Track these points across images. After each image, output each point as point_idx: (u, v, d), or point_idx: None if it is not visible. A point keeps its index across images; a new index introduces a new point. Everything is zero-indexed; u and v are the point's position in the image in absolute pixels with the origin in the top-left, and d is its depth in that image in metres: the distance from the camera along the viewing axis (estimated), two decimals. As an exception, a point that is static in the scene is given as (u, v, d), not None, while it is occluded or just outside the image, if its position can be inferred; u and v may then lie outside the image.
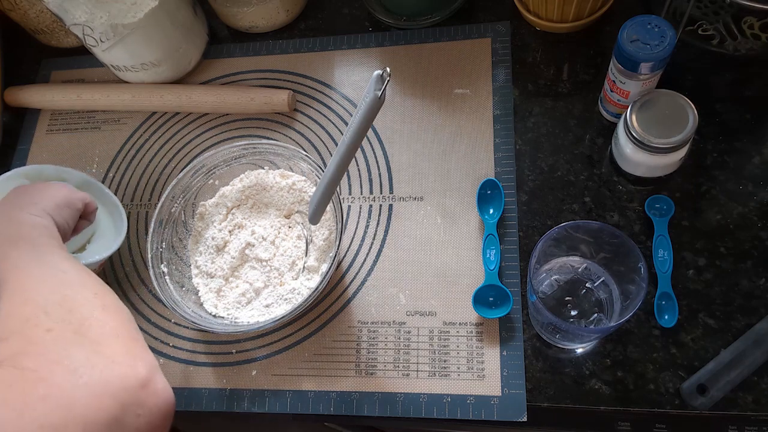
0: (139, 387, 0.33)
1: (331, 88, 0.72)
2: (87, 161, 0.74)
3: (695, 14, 0.62)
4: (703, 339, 0.54)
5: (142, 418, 0.32)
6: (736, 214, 0.58)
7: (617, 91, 0.58)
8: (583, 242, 0.53)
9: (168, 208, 0.62)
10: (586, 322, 0.53)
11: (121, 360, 0.34)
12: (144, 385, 0.33)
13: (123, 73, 0.73)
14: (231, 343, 0.61)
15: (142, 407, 0.33)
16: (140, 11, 0.65)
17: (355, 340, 0.59)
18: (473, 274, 0.60)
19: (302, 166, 0.63)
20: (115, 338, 0.35)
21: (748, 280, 0.55)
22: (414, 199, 0.64)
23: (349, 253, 0.63)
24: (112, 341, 0.35)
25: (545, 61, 0.69)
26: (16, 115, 0.79)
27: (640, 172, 0.59)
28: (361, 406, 0.56)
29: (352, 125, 0.46)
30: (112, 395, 0.32)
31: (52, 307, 0.36)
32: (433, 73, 0.70)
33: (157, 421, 0.33)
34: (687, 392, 0.51)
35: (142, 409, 0.33)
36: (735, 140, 0.61)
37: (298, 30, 0.77)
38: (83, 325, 0.35)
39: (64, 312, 0.35)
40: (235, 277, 0.62)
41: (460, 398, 0.55)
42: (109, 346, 0.34)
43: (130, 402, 0.32)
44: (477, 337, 0.57)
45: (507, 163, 0.64)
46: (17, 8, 0.75)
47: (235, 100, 0.71)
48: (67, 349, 0.33)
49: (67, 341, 0.33)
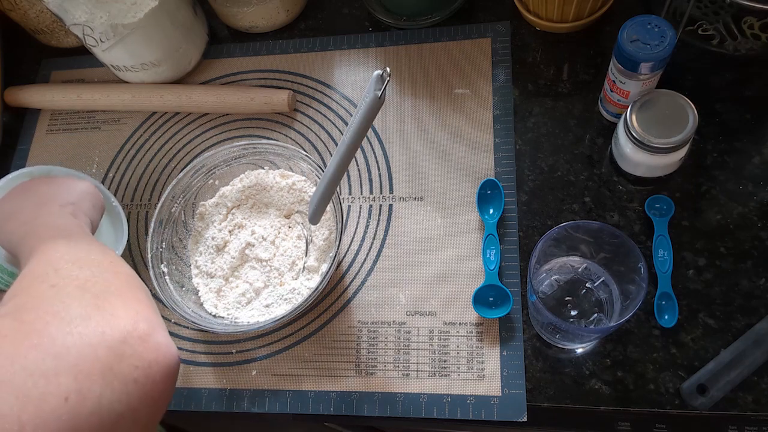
0: (138, 340, 0.33)
1: (331, 88, 0.72)
2: (87, 161, 0.74)
3: (695, 14, 0.62)
4: (703, 339, 0.54)
5: (139, 371, 0.32)
6: (736, 214, 0.58)
7: (617, 91, 0.58)
8: (583, 242, 0.53)
9: (168, 208, 0.62)
10: (586, 322, 0.53)
11: (121, 314, 0.33)
12: (144, 339, 0.33)
13: (123, 73, 0.73)
14: (231, 343, 0.61)
15: (140, 359, 0.32)
16: (140, 11, 0.65)
17: (355, 340, 0.59)
18: (473, 274, 0.60)
19: (302, 166, 0.63)
20: (118, 297, 0.35)
21: (748, 280, 0.55)
22: (414, 199, 0.64)
23: (349, 253, 0.63)
24: (113, 299, 0.34)
25: (545, 61, 0.69)
26: (16, 115, 0.79)
27: (640, 172, 0.59)
28: (361, 406, 0.56)
29: (352, 125, 0.46)
30: (107, 346, 0.31)
31: (63, 264, 0.36)
32: (433, 73, 0.70)
33: (157, 375, 0.33)
34: (687, 392, 0.51)
35: (141, 361, 0.32)
36: (735, 140, 0.61)
37: (298, 30, 0.77)
38: (88, 281, 0.35)
39: (73, 269, 0.36)
40: (235, 277, 0.62)
41: (460, 398, 0.55)
42: (109, 301, 0.34)
43: (127, 354, 0.32)
44: (477, 337, 0.57)
45: (507, 163, 0.64)
46: (17, 8, 0.75)
47: (235, 100, 0.71)
48: (65, 301, 0.33)
49: (67, 295, 0.33)
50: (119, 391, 0.30)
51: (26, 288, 0.35)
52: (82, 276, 0.35)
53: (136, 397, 0.31)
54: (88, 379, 0.29)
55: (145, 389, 0.32)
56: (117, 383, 0.30)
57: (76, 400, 0.29)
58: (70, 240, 0.41)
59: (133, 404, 0.31)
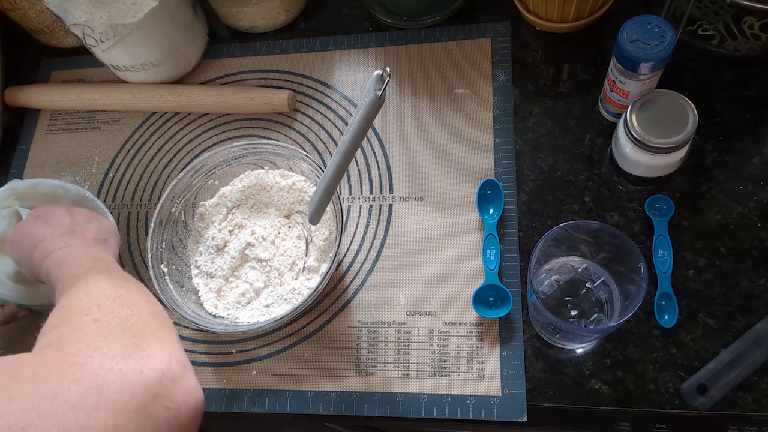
0: (171, 382, 0.34)
1: (331, 88, 0.72)
2: (87, 161, 0.74)
3: (695, 14, 0.62)
4: (703, 339, 0.54)
5: (170, 412, 0.33)
6: (736, 214, 0.58)
7: (617, 91, 0.58)
8: (583, 242, 0.53)
9: (168, 208, 0.62)
10: (586, 322, 0.53)
11: (157, 355, 0.35)
12: (176, 381, 0.34)
13: (123, 73, 0.73)
14: (231, 343, 0.61)
15: (172, 401, 0.33)
16: (140, 11, 0.65)
17: (355, 340, 0.59)
18: (473, 274, 0.60)
19: (302, 166, 0.63)
20: (155, 338, 0.36)
21: (748, 280, 0.55)
22: (414, 199, 0.64)
23: (349, 253, 0.63)
24: (151, 339, 0.36)
25: (545, 61, 0.69)
26: (16, 115, 0.79)
27: (640, 172, 0.59)
28: (361, 406, 0.56)
29: (352, 125, 0.46)
30: (144, 385, 0.32)
31: (106, 301, 0.38)
32: (433, 73, 0.70)
33: (185, 417, 0.34)
34: (687, 392, 0.51)
35: (172, 402, 0.33)
36: (735, 140, 0.61)
37: (298, 30, 0.77)
38: (128, 321, 0.37)
39: (115, 306, 0.38)
40: (235, 277, 0.62)
41: (460, 398, 0.55)
42: (147, 342, 0.36)
43: (160, 394, 0.33)
44: (477, 337, 0.57)
45: (507, 163, 0.64)
46: (17, 8, 0.75)
47: (235, 100, 0.71)
48: (108, 338, 0.34)
49: (109, 332, 0.35)
50: (151, 430, 0.32)
51: (69, 320, 0.36)
52: (123, 314, 0.37)
53: None
54: (125, 416, 0.31)
55: (174, 430, 0.33)
56: (150, 422, 0.32)
57: None
58: (110, 276, 0.43)
59: None
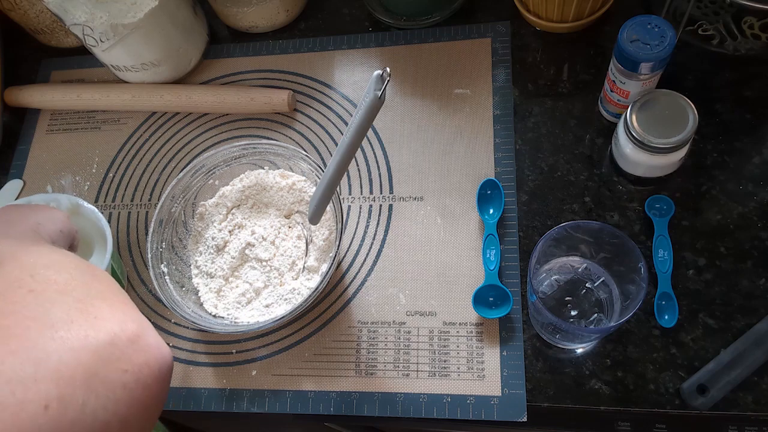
0: (127, 341, 0.31)
1: (331, 88, 0.72)
2: (87, 161, 0.74)
3: (695, 14, 0.62)
4: (703, 339, 0.54)
5: (129, 375, 0.30)
6: (736, 214, 0.58)
7: (617, 91, 0.58)
8: (583, 242, 0.53)
9: (168, 208, 0.62)
10: (586, 322, 0.53)
11: (107, 316, 0.32)
12: (133, 341, 0.31)
13: (123, 73, 0.73)
14: (231, 343, 0.61)
15: (130, 363, 0.30)
16: (140, 11, 0.65)
17: (355, 340, 0.59)
18: (473, 274, 0.60)
19: (302, 166, 0.63)
20: (102, 299, 0.33)
21: (748, 280, 0.55)
22: (414, 199, 0.64)
23: (349, 253, 0.63)
24: (98, 301, 0.33)
25: (545, 61, 0.69)
26: (16, 115, 0.79)
27: (640, 172, 0.59)
28: (361, 406, 0.56)
29: (352, 125, 0.46)
30: (91, 350, 0.29)
31: (39, 269, 0.34)
32: (433, 73, 0.70)
33: (149, 379, 0.31)
34: (687, 392, 0.51)
35: (130, 364, 0.30)
36: (735, 140, 0.61)
37: (298, 30, 0.77)
38: (68, 285, 0.33)
39: (50, 273, 0.34)
40: (235, 277, 0.62)
41: (460, 398, 0.55)
42: (93, 305, 0.32)
43: (113, 357, 0.30)
44: (477, 337, 0.57)
45: (507, 163, 0.64)
46: (17, 8, 0.75)
47: (235, 100, 0.71)
48: (45, 305, 0.31)
49: (48, 300, 0.31)
50: (105, 398, 0.29)
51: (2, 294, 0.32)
52: (61, 279, 0.33)
53: (125, 404, 0.30)
54: (70, 386, 0.28)
55: (135, 394, 0.30)
56: (103, 389, 0.29)
57: (57, 407, 0.27)
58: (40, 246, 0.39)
59: (122, 411, 0.30)
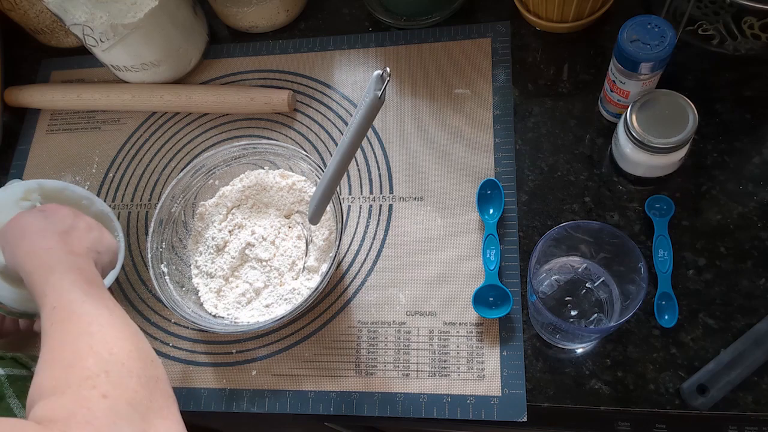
0: None
1: (331, 88, 0.72)
2: (87, 161, 0.74)
3: (695, 14, 0.62)
4: (703, 339, 0.54)
5: None
6: (736, 214, 0.58)
7: (617, 91, 0.58)
8: (583, 242, 0.53)
9: (168, 208, 0.62)
10: (586, 322, 0.53)
11: None
12: None
13: (123, 73, 0.73)
14: (231, 343, 0.61)
15: None
16: (140, 11, 0.65)
17: (355, 340, 0.59)
18: (473, 274, 0.60)
19: (302, 166, 0.63)
20: (160, 416, 0.36)
21: (748, 280, 0.55)
22: (414, 199, 0.64)
23: (349, 253, 0.63)
24: (158, 421, 0.36)
25: (545, 61, 0.69)
26: (16, 115, 0.79)
27: (640, 172, 0.59)
28: (361, 406, 0.56)
29: (352, 125, 0.46)
30: None
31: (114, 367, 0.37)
32: (433, 73, 0.70)
33: None
34: (687, 392, 0.51)
35: None
36: (735, 140, 0.61)
37: (298, 30, 0.77)
38: (136, 396, 0.36)
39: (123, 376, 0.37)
40: (235, 277, 0.62)
41: (460, 398, 0.55)
42: (154, 425, 0.36)
43: None
44: (477, 337, 0.57)
45: (507, 163, 0.64)
46: (17, 8, 0.75)
47: (235, 100, 0.71)
48: (117, 422, 0.34)
49: (118, 414, 0.34)
50: None
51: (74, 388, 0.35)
52: (131, 387, 0.36)
53: None
54: None
55: None
56: None
57: None
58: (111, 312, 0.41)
59: None
